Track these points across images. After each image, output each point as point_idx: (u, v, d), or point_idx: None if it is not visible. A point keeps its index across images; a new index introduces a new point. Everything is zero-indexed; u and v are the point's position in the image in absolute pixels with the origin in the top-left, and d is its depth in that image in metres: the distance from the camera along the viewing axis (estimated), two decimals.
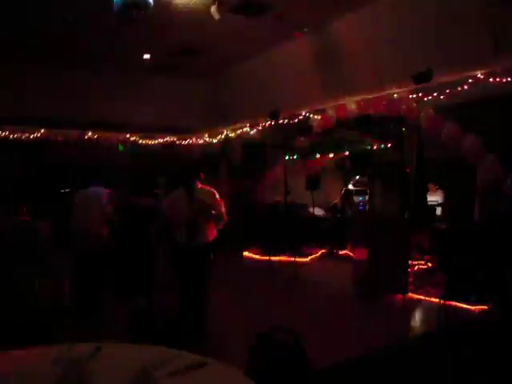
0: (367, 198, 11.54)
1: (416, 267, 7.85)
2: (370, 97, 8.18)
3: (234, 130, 12.38)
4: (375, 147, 8.55)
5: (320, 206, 11.61)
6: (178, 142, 14.03)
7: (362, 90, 8.15)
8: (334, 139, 9.27)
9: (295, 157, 10.14)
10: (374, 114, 8.03)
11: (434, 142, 7.30)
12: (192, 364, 2.11)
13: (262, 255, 10.22)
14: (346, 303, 6.54)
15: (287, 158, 9.97)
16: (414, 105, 7.57)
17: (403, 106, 7.55)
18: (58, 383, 1.89)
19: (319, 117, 9.25)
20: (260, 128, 11.52)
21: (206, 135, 13.53)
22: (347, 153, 9.49)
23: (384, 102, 7.79)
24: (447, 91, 7.25)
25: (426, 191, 8.01)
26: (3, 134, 11.84)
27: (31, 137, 12.30)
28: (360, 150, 8.55)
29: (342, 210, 11.23)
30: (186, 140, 14.07)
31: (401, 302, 6.32)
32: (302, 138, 9.72)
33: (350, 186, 11.63)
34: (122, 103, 11.47)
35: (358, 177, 11.78)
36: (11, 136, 12.00)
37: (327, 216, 11.53)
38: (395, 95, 8.03)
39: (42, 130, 12.33)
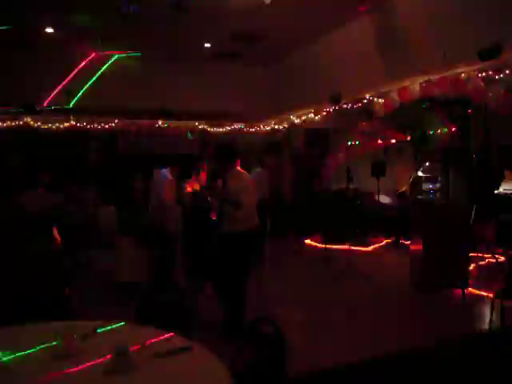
0: (438, 185, 10.85)
1: (484, 261, 7.30)
2: (435, 77, 7.64)
3: (299, 117, 12.24)
4: (439, 131, 7.97)
5: (387, 194, 11.16)
6: (245, 130, 14.22)
7: (426, 70, 7.63)
8: (396, 123, 8.80)
9: (357, 142, 9.78)
10: (439, 95, 7.51)
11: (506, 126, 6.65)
12: (175, 348, 2.13)
13: (324, 243, 10.04)
14: (398, 296, 6.24)
15: (349, 143, 9.66)
16: (482, 84, 6.95)
17: (470, 86, 6.96)
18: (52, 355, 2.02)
19: (382, 100, 8.82)
20: (324, 114, 11.27)
21: (273, 122, 13.48)
22: (409, 138, 8.95)
23: (449, 83, 7.22)
24: None
25: (498, 179, 7.36)
26: (81, 125, 12.66)
27: (106, 127, 13.05)
28: (422, 135, 8.02)
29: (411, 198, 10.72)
30: (252, 127, 14.20)
31: (459, 297, 5.91)
32: (364, 123, 9.35)
33: (420, 173, 11.00)
34: (187, 92, 11.73)
35: (427, 163, 11.11)
36: (88, 126, 12.83)
37: (394, 204, 11.04)
38: (462, 75, 7.44)
39: (116, 121, 13.00)
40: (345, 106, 10.13)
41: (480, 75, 7.11)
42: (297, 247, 9.90)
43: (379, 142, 9.75)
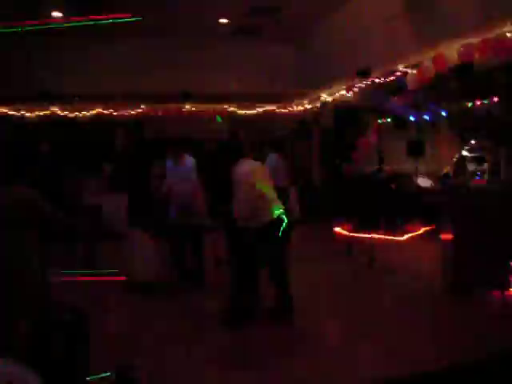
0: (486, 166, 9.61)
1: None
2: (474, 41, 6.51)
3: (330, 94, 11.28)
4: (478, 103, 6.83)
5: (427, 176, 10.05)
6: (277, 111, 13.42)
7: (464, 32, 6.51)
8: (430, 97, 7.72)
9: (389, 120, 8.77)
10: (479, 61, 6.40)
11: None
12: None
13: (354, 231, 9.20)
14: (424, 299, 5.35)
15: (380, 121, 8.68)
16: None
17: None
18: None
19: (414, 71, 7.75)
20: (356, 90, 10.27)
21: (306, 102, 12.54)
22: (443, 113, 7.81)
23: (492, 45, 6.09)
24: None
25: None
26: (107, 111, 12.38)
27: (133, 113, 12.69)
28: (459, 108, 6.91)
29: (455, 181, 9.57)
30: (285, 108, 13.37)
31: (498, 300, 4.97)
32: (395, 98, 8.32)
33: (465, 152, 9.80)
34: (209, 73, 11.12)
35: (473, 141, 9.86)
36: (115, 113, 12.52)
37: (436, 187, 9.92)
38: (508, 34, 6.27)
39: (143, 106, 12.60)
40: (376, 79, 9.12)
41: None
42: (325, 235, 9.09)
43: (411, 118, 8.66)
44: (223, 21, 9.21)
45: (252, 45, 10.76)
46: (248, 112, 13.23)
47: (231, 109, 13.12)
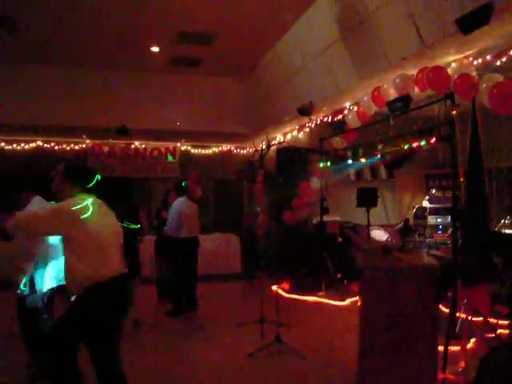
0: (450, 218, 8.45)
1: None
2: (411, 71, 5.52)
3: (284, 134, 10.28)
4: (415, 145, 5.73)
5: (383, 228, 8.86)
6: (235, 151, 12.45)
7: (401, 62, 5.52)
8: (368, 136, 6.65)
9: (328, 163, 7.66)
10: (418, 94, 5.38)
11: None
12: None
13: (292, 292, 7.90)
14: None
15: (321, 164, 7.58)
16: (473, 74, 4.77)
17: (456, 78, 4.78)
18: None
19: (355, 108, 6.75)
20: (307, 130, 9.27)
21: (263, 141, 11.52)
22: (379, 156, 6.69)
23: (429, 74, 5.07)
24: None
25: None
26: (47, 145, 11.39)
27: (76, 148, 11.69)
28: (395, 151, 5.80)
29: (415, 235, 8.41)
30: (243, 148, 12.41)
31: None
32: (337, 139, 7.25)
33: (425, 203, 8.66)
34: (150, 108, 10.13)
35: (434, 190, 8.74)
36: (56, 147, 11.52)
37: (394, 241, 8.71)
38: (453, 64, 5.28)
39: (88, 141, 11.62)
40: (321, 117, 8.13)
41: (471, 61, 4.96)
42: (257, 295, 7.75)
43: (349, 161, 7.54)
44: (154, 49, 8.27)
45: (193, 77, 9.83)
46: (202, 151, 12.31)
47: (183, 147, 12.20)
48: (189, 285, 6.62)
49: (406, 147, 5.66)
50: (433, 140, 5.24)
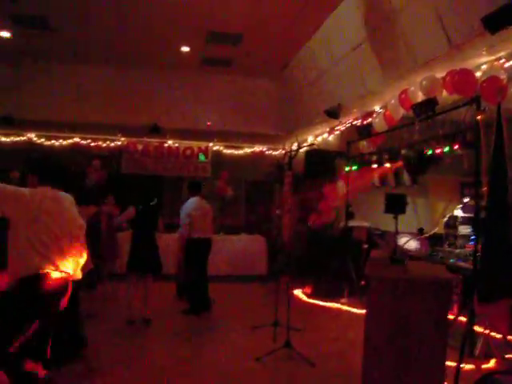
0: None
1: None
2: (439, 73, 5.28)
3: (315, 137, 10.13)
4: (438, 151, 5.45)
5: (413, 235, 8.52)
6: (267, 153, 12.40)
7: (430, 64, 5.29)
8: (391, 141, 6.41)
9: (354, 167, 7.45)
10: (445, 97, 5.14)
11: None
12: None
13: (314, 296, 7.76)
14: None
15: (347, 168, 7.40)
16: (503, 77, 4.49)
17: (483, 81, 4.53)
18: None
19: (382, 110, 6.54)
20: (338, 133, 9.09)
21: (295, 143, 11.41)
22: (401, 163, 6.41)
23: (455, 77, 4.84)
24: None
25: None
26: (82, 141, 11.74)
27: (112, 145, 11.99)
28: (416, 156, 5.54)
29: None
30: (276, 150, 12.34)
31: None
32: (364, 142, 7.05)
33: (458, 211, 8.28)
34: (181, 107, 10.25)
35: (467, 199, 8.33)
36: (92, 144, 11.85)
37: (423, 249, 8.38)
38: (483, 67, 5.01)
39: (123, 138, 11.89)
40: (352, 120, 7.95)
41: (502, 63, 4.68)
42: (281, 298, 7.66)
43: (374, 166, 7.28)
44: (185, 49, 8.33)
45: (225, 77, 9.85)
46: (234, 152, 12.32)
47: (215, 147, 12.25)
48: (200, 285, 6.62)
49: (429, 153, 5.43)
50: (456, 146, 4.97)
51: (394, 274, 3.44)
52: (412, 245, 8.47)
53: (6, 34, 7.95)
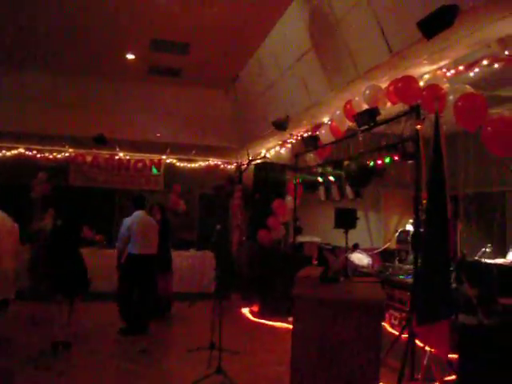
0: None
1: None
2: (381, 82, 5.12)
3: (268, 150, 9.90)
4: (379, 162, 5.29)
5: (365, 250, 8.34)
6: (222, 166, 12.05)
7: (372, 73, 5.12)
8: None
9: (300, 180, 7.22)
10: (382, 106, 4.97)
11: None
12: None
13: (261, 315, 7.41)
14: None
15: (294, 181, 7.15)
16: (445, 85, 4.34)
17: (423, 90, 4.37)
18: None
19: (328, 122, 6.35)
20: (289, 146, 8.88)
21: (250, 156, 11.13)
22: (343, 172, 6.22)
23: (397, 84, 4.67)
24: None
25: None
26: (29, 153, 11.12)
27: (59, 156, 11.41)
28: (358, 168, 5.33)
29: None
30: (231, 163, 12.01)
31: None
32: (311, 155, 6.83)
33: (409, 226, 8.16)
34: (130, 118, 9.83)
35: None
36: (38, 155, 11.24)
37: (376, 266, 8.20)
38: (425, 76, 4.88)
39: (71, 150, 11.34)
40: (302, 132, 7.74)
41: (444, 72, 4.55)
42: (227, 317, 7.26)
43: (318, 179, 7.06)
44: (130, 56, 7.98)
45: (173, 88, 9.52)
46: (188, 165, 11.93)
47: (168, 160, 11.85)
48: (136, 305, 6.19)
49: (371, 164, 5.24)
50: (396, 157, 4.79)
51: (321, 293, 3.13)
52: (364, 260, 8.29)
53: None
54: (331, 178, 6.57)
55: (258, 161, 9.10)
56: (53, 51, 7.97)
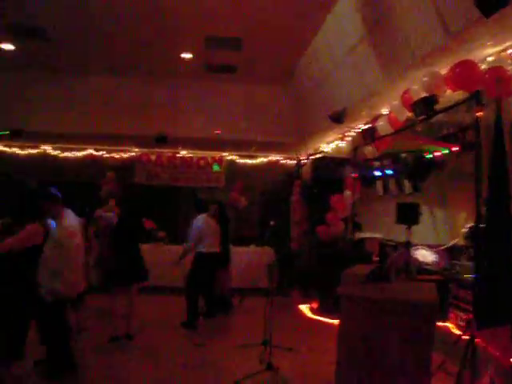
0: None
1: None
2: (439, 69, 4.79)
3: (328, 144, 9.68)
4: (438, 153, 4.91)
5: (430, 247, 7.91)
6: (282, 161, 11.98)
7: (430, 59, 4.82)
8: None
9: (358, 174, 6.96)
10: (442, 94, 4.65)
11: None
12: None
13: (320, 313, 7.29)
14: None
15: (353, 175, 6.92)
16: (509, 68, 3.98)
17: (485, 73, 4.03)
18: None
19: (386, 113, 6.07)
20: (349, 139, 8.62)
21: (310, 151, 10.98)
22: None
23: (456, 70, 4.34)
24: None
25: None
26: (97, 153, 11.72)
27: (125, 156, 11.93)
28: (415, 160, 5.00)
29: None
30: (292, 158, 11.91)
31: None
32: (369, 148, 6.57)
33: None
34: (188, 116, 10.01)
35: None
36: (105, 155, 11.81)
37: (441, 263, 7.75)
38: (489, 59, 4.50)
39: (136, 149, 11.82)
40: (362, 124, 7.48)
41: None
42: (284, 314, 7.23)
43: (376, 173, 6.74)
44: (187, 56, 8.11)
45: (231, 85, 9.56)
46: (248, 162, 11.98)
47: (229, 157, 11.98)
48: (195, 299, 6.33)
49: (428, 156, 4.91)
50: (454, 148, 4.44)
51: (367, 292, 2.98)
52: (429, 257, 7.86)
53: (9, 47, 7.93)
54: (389, 172, 6.29)
55: (317, 155, 8.91)
56: (114, 55, 8.30)
